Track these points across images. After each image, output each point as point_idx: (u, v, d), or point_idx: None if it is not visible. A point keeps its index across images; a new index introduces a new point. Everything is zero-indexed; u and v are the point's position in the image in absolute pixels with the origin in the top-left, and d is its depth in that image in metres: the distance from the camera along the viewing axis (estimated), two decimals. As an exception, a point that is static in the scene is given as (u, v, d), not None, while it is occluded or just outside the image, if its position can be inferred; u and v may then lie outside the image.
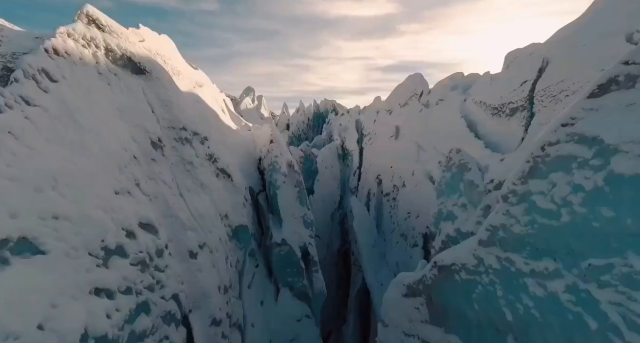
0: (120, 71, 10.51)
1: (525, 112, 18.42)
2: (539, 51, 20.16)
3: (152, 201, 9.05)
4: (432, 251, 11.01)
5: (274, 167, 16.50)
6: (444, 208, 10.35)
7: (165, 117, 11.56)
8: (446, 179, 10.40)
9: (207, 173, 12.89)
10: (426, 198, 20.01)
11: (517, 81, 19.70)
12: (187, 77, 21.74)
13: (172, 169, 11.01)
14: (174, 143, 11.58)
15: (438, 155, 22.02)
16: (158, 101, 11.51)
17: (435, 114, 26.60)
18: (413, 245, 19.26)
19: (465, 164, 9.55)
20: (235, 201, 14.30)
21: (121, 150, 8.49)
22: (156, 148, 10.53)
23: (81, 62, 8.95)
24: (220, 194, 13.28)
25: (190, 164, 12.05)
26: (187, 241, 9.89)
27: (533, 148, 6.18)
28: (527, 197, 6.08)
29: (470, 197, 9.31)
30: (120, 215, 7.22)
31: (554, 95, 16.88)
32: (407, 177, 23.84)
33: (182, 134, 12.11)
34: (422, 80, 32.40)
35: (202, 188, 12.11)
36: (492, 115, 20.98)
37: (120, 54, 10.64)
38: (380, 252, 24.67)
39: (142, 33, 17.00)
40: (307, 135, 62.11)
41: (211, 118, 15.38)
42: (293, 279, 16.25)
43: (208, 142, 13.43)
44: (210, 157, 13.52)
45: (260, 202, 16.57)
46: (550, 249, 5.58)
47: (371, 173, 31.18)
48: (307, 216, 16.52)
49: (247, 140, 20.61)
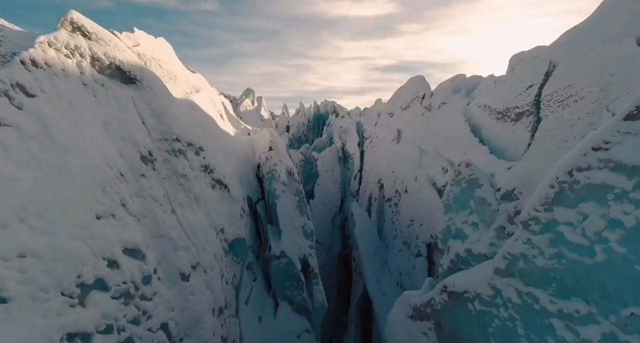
0: (107, 81, 9.88)
1: (531, 117, 17.82)
2: (545, 54, 19.54)
3: (139, 221, 8.42)
4: (440, 269, 10.38)
5: (273, 175, 15.89)
6: (452, 225, 9.71)
7: (157, 128, 10.93)
8: (454, 194, 9.76)
9: (202, 186, 12.27)
10: (429, 205, 19.41)
11: (523, 85, 19.09)
12: (184, 81, 21.11)
13: (163, 183, 10.38)
14: (166, 156, 10.94)
15: (441, 161, 21.39)
16: (149, 111, 10.88)
17: (438, 118, 26.00)
18: (416, 255, 18.63)
19: (476, 180, 8.92)
20: (232, 213, 13.68)
21: (106, 168, 7.85)
22: (146, 162, 9.90)
23: (63, 73, 8.31)
24: (216, 207, 12.66)
25: (184, 176, 11.43)
26: (179, 262, 9.26)
27: (558, 171, 5.54)
28: (553, 227, 5.44)
29: (481, 216, 8.68)
30: (101, 243, 6.59)
31: (561, 100, 16.28)
32: (409, 182, 23.22)
33: (176, 146, 11.48)
34: (424, 83, 31.82)
35: (197, 202, 11.49)
36: (496, 120, 20.38)
37: (107, 62, 10.00)
38: (382, 259, 24.06)
39: (137, 37, 16.37)
40: (307, 137, 61.54)
41: (208, 125, 14.74)
42: (292, 293, 15.64)
43: (204, 152, 12.80)
44: (205, 167, 12.91)
45: (259, 211, 15.95)
46: (582, 289, 4.95)
47: (372, 178, 30.59)
48: (307, 226, 15.90)
49: (245, 146, 19.99)
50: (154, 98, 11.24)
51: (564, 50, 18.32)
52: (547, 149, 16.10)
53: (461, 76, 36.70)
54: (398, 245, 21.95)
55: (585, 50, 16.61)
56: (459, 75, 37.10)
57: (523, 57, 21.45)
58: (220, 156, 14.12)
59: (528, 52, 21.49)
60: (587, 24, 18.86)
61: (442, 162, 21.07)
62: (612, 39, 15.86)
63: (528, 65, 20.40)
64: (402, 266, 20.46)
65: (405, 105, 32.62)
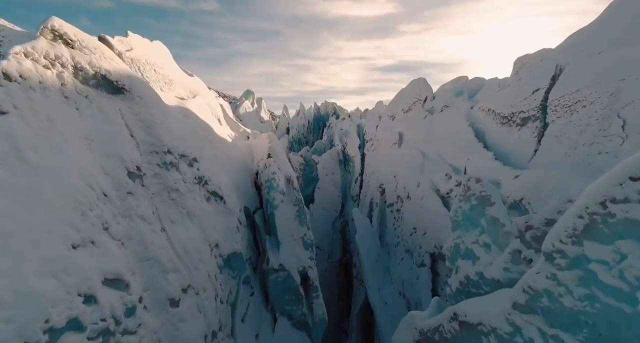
0: (92, 92, 9.21)
1: (537, 122, 17.20)
2: (550, 57, 18.91)
3: (124, 245, 7.78)
4: (448, 290, 9.75)
5: (271, 184, 15.25)
6: (461, 244, 9.08)
7: (146, 141, 10.29)
8: (463, 210, 9.13)
9: (195, 199, 11.64)
10: (433, 213, 18.78)
11: (528, 89, 18.45)
12: (180, 85, 20.48)
13: (153, 200, 9.75)
14: (156, 170, 10.31)
15: (444, 166, 20.76)
16: (139, 123, 10.24)
17: (440, 121, 25.39)
18: (420, 265, 18.01)
19: (488, 198, 8.29)
20: (228, 226, 13.05)
21: (86, 189, 7.22)
22: (134, 178, 9.26)
23: (41, 87, 7.67)
24: (211, 221, 12.03)
25: (176, 191, 10.80)
26: (168, 287, 8.63)
27: (587, 200, 4.90)
28: (583, 264, 4.81)
29: (494, 237, 8.05)
30: (76, 277, 5.96)
31: (569, 105, 15.66)
32: (411, 188, 22.60)
33: (167, 158, 10.85)
34: (425, 85, 31.23)
35: (190, 217, 10.86)
36: (501, 125, 19.75)
37: (92, 72, 9.34)
38: (384, 267, 23.43)
39: (130, 41, 15.72)
40: (308, 138, 60.97)
41: (203, 134, 14.09)
42: (291, 307, 15.00)
43: (198, 163, 12.17)
44: (200, 179, 12.29)
45: (257, 221, 15.31)
46: (620, 339, 4.32)
47: (373, 182, 30.01)
48: (307, 236, 15.28)
49: (243, 152, 19.37)
50: (144, 108, 10.59)
51: (570, 53, 17.69)
52: (555, 156, 15.48)
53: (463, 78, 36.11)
54: (400, 253, 21.34)
55: (593, 54, 15.99)
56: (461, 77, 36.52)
57: (528, 60, 20.82)
58: (216, 166, 13.49)
59: (533, 55, 20.87)
60: (594, 26, 18.22)
61: (445, 167, 20.45)
62: (621, 42, 15.24)
63: (533, 68, 19.77)
64: (404, 275, 19.84)
65: (406, 108, 32.05)
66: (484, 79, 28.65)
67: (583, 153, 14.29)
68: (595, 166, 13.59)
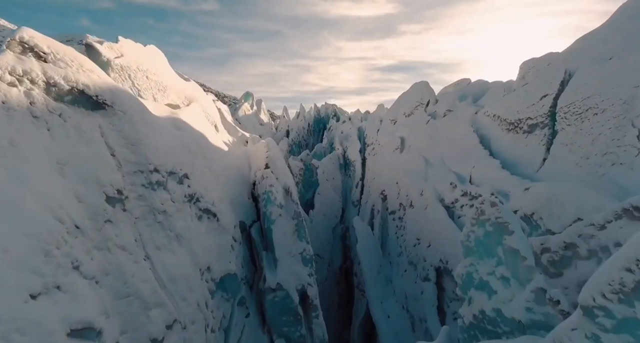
0: (67, 110, 8.39)
1: (546, 129, 16.36)
2: (559, 62, 18.07)
3: (99, 283, 6.96)
4: (460, 322, 8.89)
5: (268, 197, 14.41)
6: (475, 273, 8.21)
7: (130, 160, 9.48)
8: (477, 236, 8.25)
9: (185, 220, 10.82)
10: (437, 225, 17.92)
11: (536, 95, 17.59)
12: (175, 91, 19.66)
13: (136, 225, 8.95)
14: (141, 191, 9.51)
15: (448, 174, 19.89)
16: (121, 140, 9.43)
17: (444, 126, 24.54)
18: (424, 279, 17.18)
19: (505, 225, 7.43)
20: (221, 245, 12.23)
21: (53, 224, 6.40)
22: (114, 203, 8.46)
23: (4, 107, 6.86)
24: (202, 242, 11.21)
25: (163, 212, 10.00)
26: (149, 325, 7.81)
27: (637, 251, 4.07)
28: (634, 329, 3.99)
29: (513, 270, 7.20)
30: (33, 336, 5.14)
31: (579, 112, 14.81)
32: (414, 196, 21.76)
33: (153, 177, 10.04)
34: (428, 89, 30.39)
35: (178, 240, 10.05)
36: (507, 131, 18.91)
37: (68, 87, 8.51)
38: (386, 278, 22.60)
39: (121, 47, 14.91)
40: (308, 141, 60.21)
41: (196, 146, 13.23)
42: (289, 329, 14.17)
43: (189, 179, 11.37)
44: (191, 197, 11.49)
45: (254, 236, 14.47)
46: None
47: (375, 188, 29.19)
48: (306, 251, 14.44)
49: (241, 161, 18.54)
50: (128, 124, 9.78)
51: (580, 58, 16.85)
52: (565, 166, 14.65)
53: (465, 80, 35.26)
54: (403, 265, 20.52)
55: (604, 59, 15.17)
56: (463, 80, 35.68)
57: (535, 64, 19.99)
58: (209, 180, 12.68)
59: (540, 59, 20.04)
60: (604, 30, 17.38)
61: (449, 175, 19.58)
62: (634, 46, 14.42)
63: (541, 73, 18.93)
64: (408, 288, 19.03)
65: (408, 112, 31.23)
66: (487, 81, 27.85)
67: (595, 163, 13.46)
68: (609, 178, 12.75)
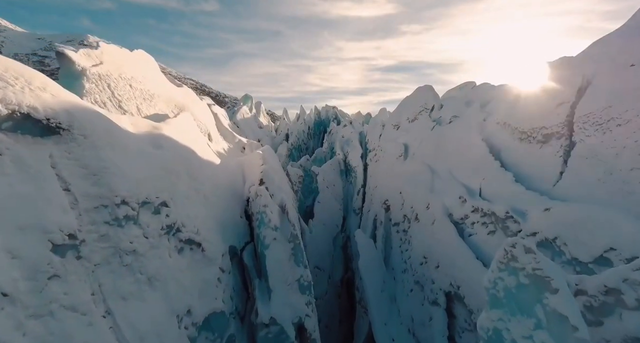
0: (4, 140, 6.99)
1: (562, 139, 15.18)
2: (575, 67, 16.88)
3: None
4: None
5: (262, 218, 13.28)
6: (505, 332, 6.82)
7: (90, 194, 8.05)
8: (507, 285, 6.91)
9: (162, 257, 9.51)
10: (446, 244, 16.75)
11: (551, 102, 16.42)
12: (164, 100, 18.59)
13: (95, 274, 7.65)
14: (103, 230, 8.12)
15: (456, 186, 18.73)
16: (79, 171, 8.00)
17: (450, 134, 23.39)
18: (433, 303, 16.06)
19: (547, 281, 6.16)
20: (206, 279, 10.83)
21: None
22: (64, 252, 7.13)
23: None
24: (182, 280, 9.79)
25: (132, 252, 8.64)
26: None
27: None
28: None
29: (559, 339, 5.95)
30: None
31: (600, 123, 13.65)
32: (420, 209, 20.63)
33: (120, 212, 8.62)
34: (432, 93, 29.31)
35: (151, 284, 8.79)
36: (519, 140, 17.73)
37: (6, 112, 7.10)
38: (390, 296, 21.45)
39: (101, 54, 13.84)
40: (308, 145, 59.17)
41: (181, 164, 11.87)
42: (285, 365, 12.98)
43: (168, 207, 10.11)
44: (170, 228, 10.14)
45: (246, 261, 13.31)
46: None
47: (377, 197, 28.05)
48: (304, 278, 13.27)
49: (234, 175, 17.43)
50: (89, 150, 8.32)
51: (598, 63, 15.68)
52: (586, 181, 13.48)
53: (470, 84, 34.23)
54: (409, 283, 19.39)
55: (625, 65, 14.04)
56: (468, 83, 34.65)
57: (549, 69, 18.91)
58: (195, 203, 11.53)
59: (555, 63, 18.89)
60: (623, 33, 16.22)
61: (458, 187, 18.43)
62: (658, 52, 13.40)
63: (556, 78, 17.82)
64: (414, 311, 17.89)
65: (412, 117, 30.14)
66: (493, 85, 26.79)
67: (621, 180, 12.32)
68: (638, 197, 11.67)
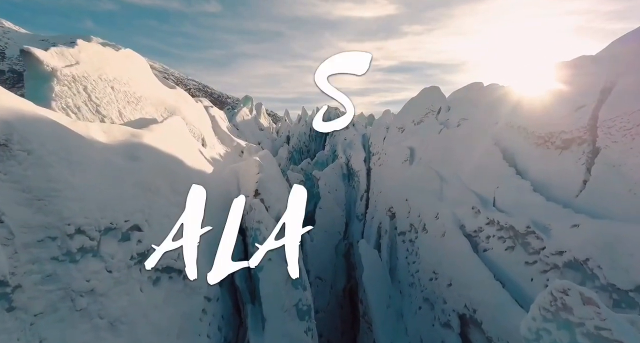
0: None
1: (585, 145, 13.74)
2: (597, 67, 15.47)
3: None
4: None
5: (255, 235, 11.99)
6: None
7: (31, 224, 6.54)
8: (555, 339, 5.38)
9: (130, 293, 7.99)
10: (459, 259, 15.29)
11: (571, 105, 14.98)
12: (152, 102, 17.30)
13: (34, 327, 6.16)
14: (49, 269, 6.62)
15: (469, 196, 17.29)
16: (19, 196, 6.48)
17: (459, 137, 22.01)
18: (444, 325, 14.70)
19: None
20: (187, 313, 9.25)
21: None
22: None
23: None
24: (156, 319, 8.13)
25: (89, 293, 7.08)
26: None
27: None
28: None
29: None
30: None
31: (628, 128, 12.21)
32: (428, 218, 19.23)
33: (74, 243, 7.09)
34: (439, 95, 27.95)
35: (114, 329, 7.28)
36: (536, 146, 16.26)
37: None
38: (397, 312, 20.08)
39: (77, 53, 12.51)
40: (309, 147, 57.85)
41: (162, 176, 10.27)
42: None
43: (141, 231, 8.57)
44: (142, 256, 8.52)
45: (237, 284, 11.97)
46: None
47: (381, 203, 26.69)
48: (303, 301, 11.91)
49: (227, 184, 16.14)
50: (32, 169, 6.77)
51: (621, 63, 14.30)
52: (614, 191, 12.06)
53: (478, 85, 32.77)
54: (417, 300, 18.01)
55: (652, 65, 12.82)
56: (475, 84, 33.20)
57: (566, 69, 17.50)
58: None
59: (572, 63, 17.46)
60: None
61: (469, 196, 17.02)
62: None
63: (574, 79, 16.37)
64: (423, 331, 16.52)
65: (418, 120, 28.80)
66: (502, 86, 25.44)
67: (658, 191, 11.06)
68: (677, 212, 10.34)
